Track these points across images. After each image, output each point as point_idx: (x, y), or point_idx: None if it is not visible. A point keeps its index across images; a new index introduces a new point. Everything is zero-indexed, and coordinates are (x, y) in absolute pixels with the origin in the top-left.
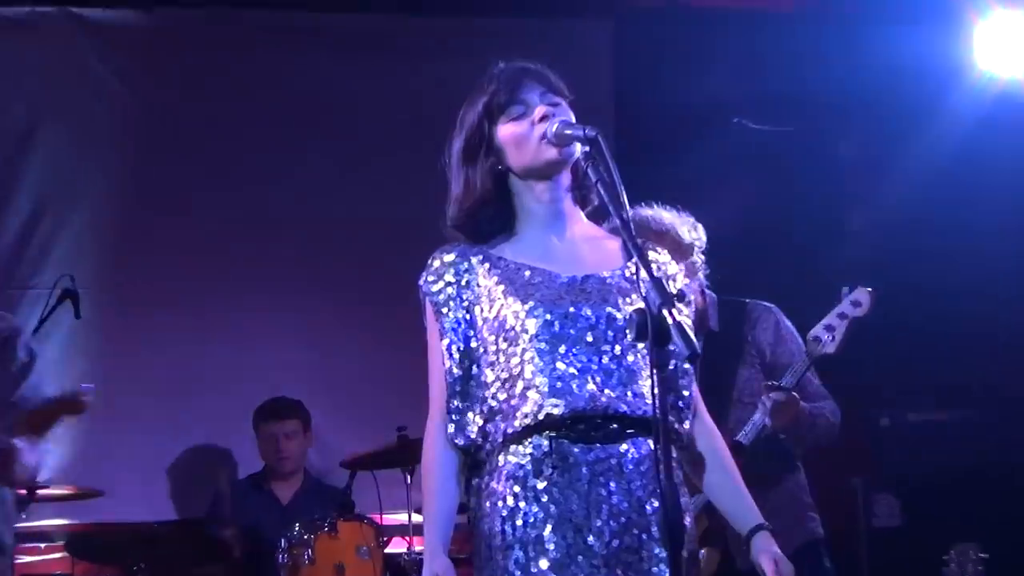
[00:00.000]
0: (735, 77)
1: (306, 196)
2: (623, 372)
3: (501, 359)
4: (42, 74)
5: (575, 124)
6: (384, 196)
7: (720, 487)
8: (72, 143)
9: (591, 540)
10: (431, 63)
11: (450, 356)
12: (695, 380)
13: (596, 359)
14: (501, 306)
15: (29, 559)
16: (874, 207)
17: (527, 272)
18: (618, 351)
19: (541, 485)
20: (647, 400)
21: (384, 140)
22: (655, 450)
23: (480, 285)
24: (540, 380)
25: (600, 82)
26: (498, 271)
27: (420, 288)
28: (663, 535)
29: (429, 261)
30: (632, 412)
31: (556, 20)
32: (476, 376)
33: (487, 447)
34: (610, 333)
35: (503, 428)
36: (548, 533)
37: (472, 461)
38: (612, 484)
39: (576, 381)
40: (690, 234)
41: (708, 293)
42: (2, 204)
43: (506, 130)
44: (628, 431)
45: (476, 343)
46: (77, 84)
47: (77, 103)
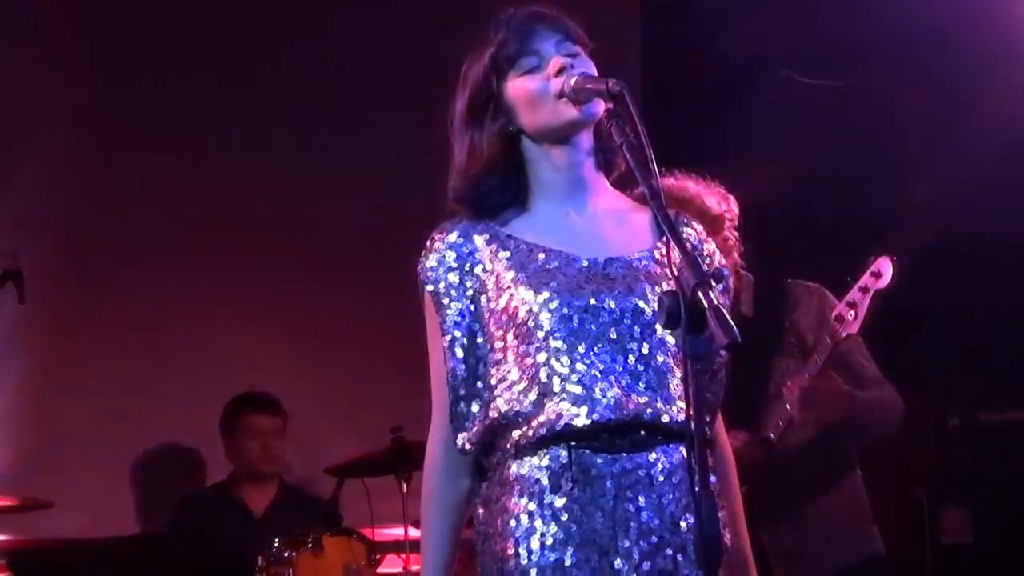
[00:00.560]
0: (782, 22)
1: (285, 168)
2: (652, 374)
3: (511, 357)
4: None
5: (597, 77)
6: (375, 167)
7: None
8: (15, 98)
9: (618, 564)
10: (429, 8)
11: (452, 354)
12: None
13: (621, 359)
14: (511, 296)
15: None
16: (943, 176)
17: (541, 255)
18: (646, 350)
19: (560, 502)
20: (679, 405)
21: (374, 104)
22: (689, 457)
23: (487, 270)
24: (557, 385)
25: (625, 27)
26: (507, 253)
27: (418, 274)
28: (699, 554)
29: (427, 242)
30: (662, 420)
31: None
32: (482, 376)
33: (497, 455)
34: (637, 329)
35: (515, 436)
36: (569, 557)
37: (479, 468)
38: (641, 499)
39: (599, 385)
40: (719, 205)
41: (744, 274)
42: None
43: (517, 86)
44: (657, 438)
45: (482, 338)
46: (20, 22)
47: (21, 50)
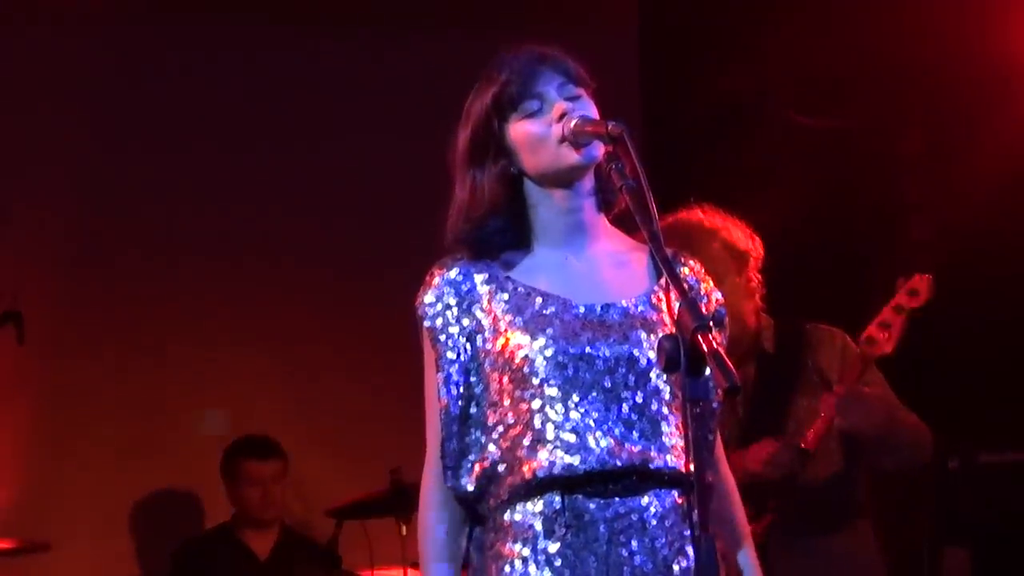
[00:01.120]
0: (783, 60)
1: (283, 204)
2: (645, 423)
3: (506, 401)
4: None
5: (596, 120)
6: (375, 200)
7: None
8: (14, 141)
9: None
10: (431, 36)
11: (447, 392)
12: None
13: (615, 408)
14: (507, 339)
15: None
16: (941, 215)
17: (539, 299)
18: (640, 399)
19: (554, 547)
20: (673, 454)
21: (377, 133)
22: (690, 498)
23: (484, 310)
24: (551, 432)
25: (624, 63)
26: (506, 295)
27: (416, 309)
28: None
29: (427, 277)
30: (656, 466)
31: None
32: (476, 417)
33: (490, 500)
34: (631, 377)
35: (508, 481)
36: None
37: (473, 513)
38: (634, 543)
39: (593, 434)
40: (745, 242)
41: (763, 316)
42: None
43: (519, 129)
44: (650, 482)
45: (476, 378)
46: (19, 70)
47: (18, 92)
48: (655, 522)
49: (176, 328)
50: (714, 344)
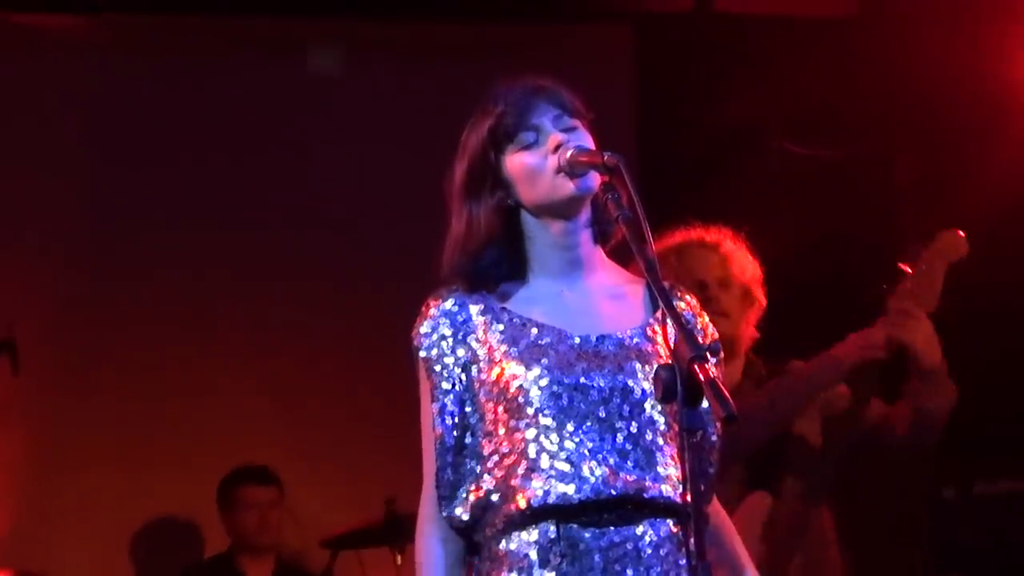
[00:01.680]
0: (774, 94)
1: (276, 235)
2: (640, 453)
3: (501, 431)
4: None
5: (592, 151)
6: (370, 228)
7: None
8: (7, 173)
9: None
10: (435, 70)
11: (442, 422)
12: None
13: (610, 437)
14: (502, 370)
15: None
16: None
17: (534, 330)
18: (635, 428)
19: None
20: (667, 483)
21: (376, 162)
22: (686, 527)
23: (479, 341)
24: (546, 462)
25: (620, 97)
26: (501, 326)
27: (412, 339)
28: None
29: (423, 308)
30: (651, 495)
31: (570, 26)
32: (471, 446)
33: (486, 530)
34: (626, 408)
35: (503, 510)
36: None
37: (469, 542)
38: (629, 572)
39: (587, 464)
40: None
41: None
42: None
43: (515, 161)
44: (645, 512)
45: (471, 408)
46: (13, 96)
47: (11, 123)
48: (650, 551)
49: (172, 359)
50: (711, 374)
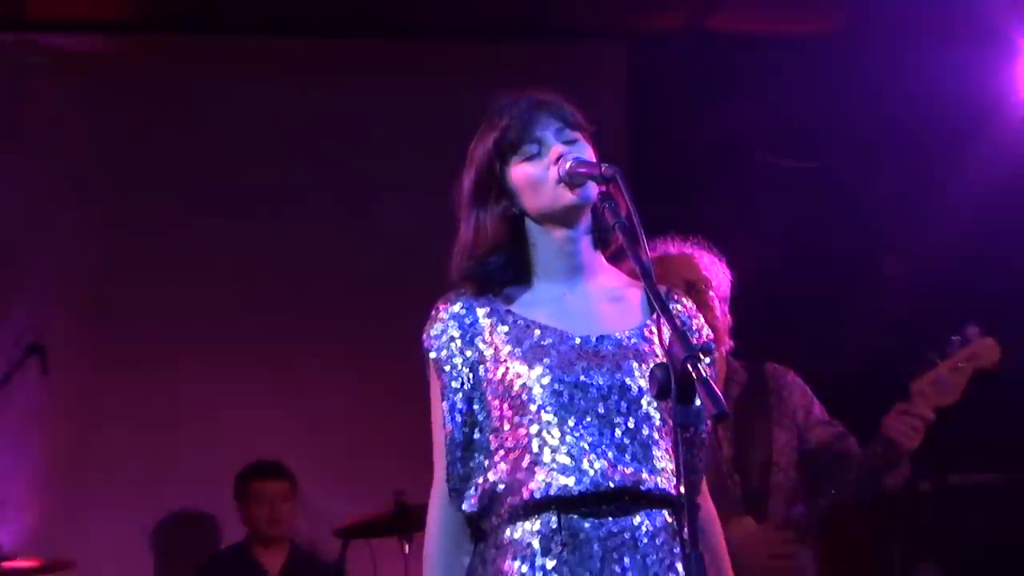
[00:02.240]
0: (759, 108)
1: (288, 240)
2: (637, 447)
3: (506, 427)
4: (1, 104)
5: (591, 162)
6: (379, 236)
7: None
8: (35, 187)
9: None
10: (437, 88)
11: (451, 419)
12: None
13: (608, 433)
14: (507, 369)
15: None
16: (913, 250)
17: (537, 331)
18: (631, 424)
19: (551, 564)
20: (663, 476)
21: (383, 175)
22: (680, 517)
23: (486, 342)
24: (548, 455)
25: (614, 111)
26: (506, 328)
27: (422, 341)
28: None
29: (432, 311)
30: (647, 487)
31: (566, 45)
32: (479, 442)
33: (492, 519)
34: (623, 404)
35: (508, 501)
36: None
37: (476, 530)
38: (626, 560)
39: (587, 457)
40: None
41: (731, 360)
42: None
43: (519, 172)
44: (641, 503)
45: (479, 405)
46: (39, 116)
47: (39, 137)
48: (646, 540)
49: (190, 359)
50: (704, 373)
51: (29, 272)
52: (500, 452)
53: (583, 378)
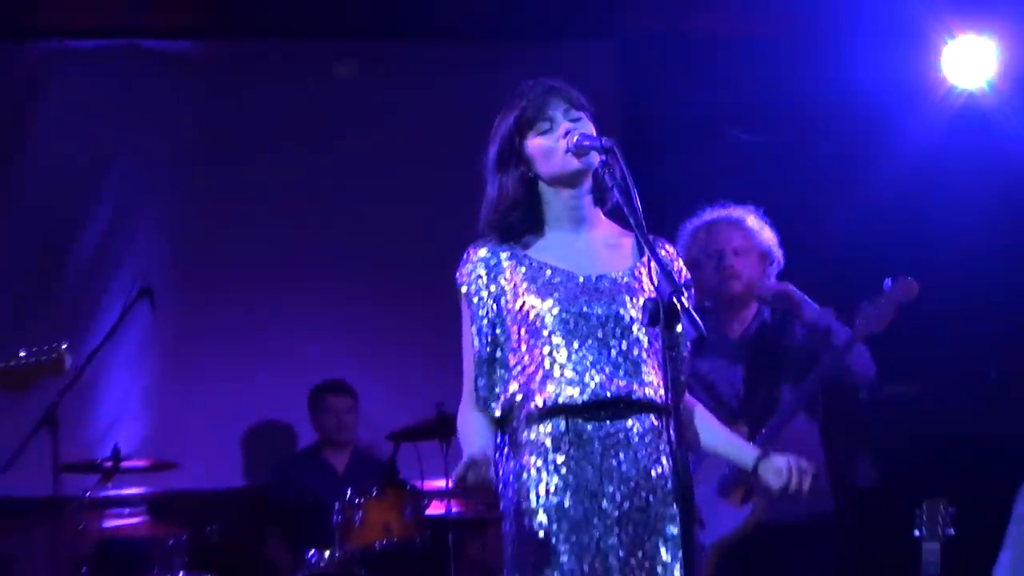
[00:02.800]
0: (727, 94)
1: (352, 202)
2: (629, 364)
3: (523, 348)
4: (117, 98)
5: (593, 136)
6: (418, 202)
7: (712, 433)
8: (145, 159)
9: (605, 504)
10: (447, 84)
11: (479, 340)
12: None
13: (606, 353)
14: (524, 301)
15: (115, 523)
16: (850, 207)
17: (548, 271)
18: (624, 346)
19: (560, 459)
20: (650, 388)
21: (411, 149)
22: (664, 421)
23: (507, 280)
24: (557, 371)
25: (607, 97)
26: (523, 268)
27: (456, 279)
28: (676, 492)
29: (464, 255)
30: (637, 396)
31: (566, 42)
32: (501, 359)
33: (513, 423)
34: (617, 330)
35: (525, 408)
36: (568, 500)
37: (500, 432)
38: (621, 455)
39: (589, 372)
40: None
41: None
42: (85, 214)
43: (535, 143)
44: (633, 409)
45: (501, 331)
46: (148, 107)
47: (148, 124)
48: (637, 439)
49: (270, 295)
50: (686, 304)
51: (140, 230)
52: (518, 368)
53: (585, 309)
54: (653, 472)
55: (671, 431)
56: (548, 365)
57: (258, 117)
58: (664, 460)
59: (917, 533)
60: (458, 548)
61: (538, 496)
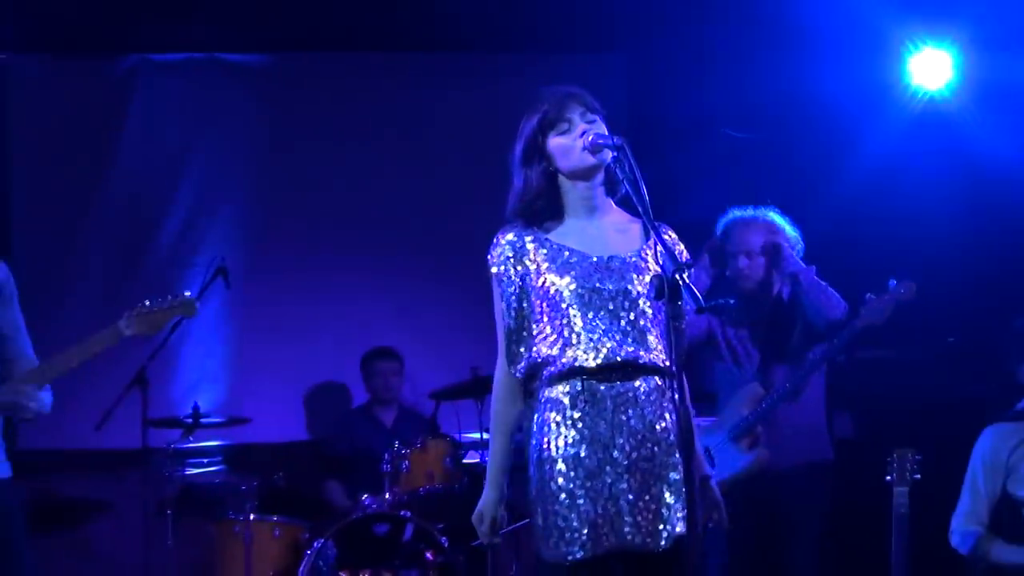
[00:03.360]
0: (720, 99)
1: (398, 194)
2: (636, 333)
3: (545, 319)
4: (196, 104)
5: (606, 136)
6: (453, 194)
7: None
8: (220, 157)
9: (615, 454)
10: (477, 91)
11: (508, 313)
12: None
13: (616, 323)
14: (545, 279)
15: (195, 471)
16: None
17: (566, 253)
18: (632, 317)
19: (576, 415)
20: (654, 353)
21: (443, 148)
22: (667, 382)
23: (531, 260)
24: (574, 339)
25: (617, 102)
26: (545, 250)
27: (487, 260)
28: (680, 443)
29: (494, 239)
30: (643, 361)
31: (580, 55)
32: (527, 329)
33: (537, 383)
34: (626, 303)
35: (547, 371)
36: (584, 450)
37: (526, 390)
38: (630, 411)
39: (602, 340)
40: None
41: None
42: (168, 202)
43: (555, 142)
44: (640, 372)
45: (526, 304)
46: (223, 112)
47: (224, 127)
48: (643, 398)
49: (327, 273)
50: (687, 281)
51: (216, 217)
52: (540, 336)
53: (598, 285)
54: (658, 426)
55: (675, 391)
56: (566, 333)
57: (317, 119)
58: (667, 416)
59: (888, 478)
60: None
61: (557, 447)
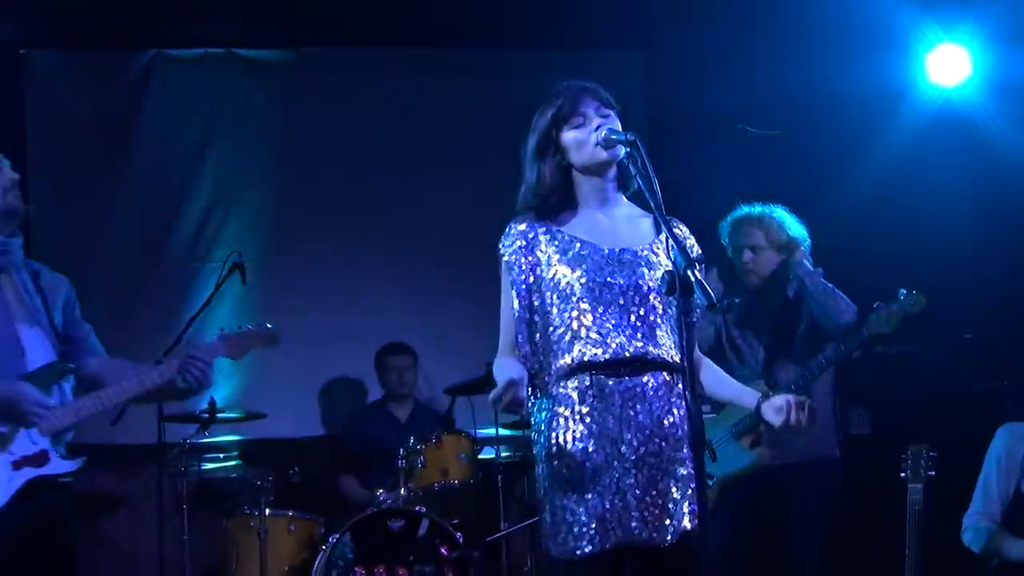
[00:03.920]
0: (738, 96)
1: (413, 192)
2: (646, 328)
3: (554, 311)
4: (213, 99)
5: (620, 131)
6: (470, 192)
7: (718, 382)
8: (237, 152)
9: (623, 449)
10: (496, 87)
11: (519, 302)
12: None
13: (626, 318)
14: (556, 271)
15: (211, 465)
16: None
17: (578, 245)
18: (642, 312)
19: (585, 410)
20: (663, 349)
21: (461, 144)
22: (675, 377)
23: (542, 251)
24: (584, 333)
25: (635, 98)
26: (556, 242)
27: (498, 250)
28: (690, 439)
29: (506, 230)
30: (652, 356)
31: (603, 51)
32: (535, 321)
33: (544, 377)
34: (636, 298)
35: (555, 364)
36: (592, 445)
37: (533, 385)
38: (638, 406)
39: (611, 335)
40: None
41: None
42: (185, 198)
43: (569, 136)
44: (648, 367)
45: (536, 295)
46: (240, 107)
47: (240, 122)
48: (651, 392)
49: (341, 271)
50: (699, 276)
51: (232, 213)
52: (550, 329)
53: (609, 279)
54: (665, 421)
55: (685, 386)
56: (576, 327)
57: (333, 115)
58: (675, 411)
59: (903, 475)
60: (507, 487)
61: (566, 441)
